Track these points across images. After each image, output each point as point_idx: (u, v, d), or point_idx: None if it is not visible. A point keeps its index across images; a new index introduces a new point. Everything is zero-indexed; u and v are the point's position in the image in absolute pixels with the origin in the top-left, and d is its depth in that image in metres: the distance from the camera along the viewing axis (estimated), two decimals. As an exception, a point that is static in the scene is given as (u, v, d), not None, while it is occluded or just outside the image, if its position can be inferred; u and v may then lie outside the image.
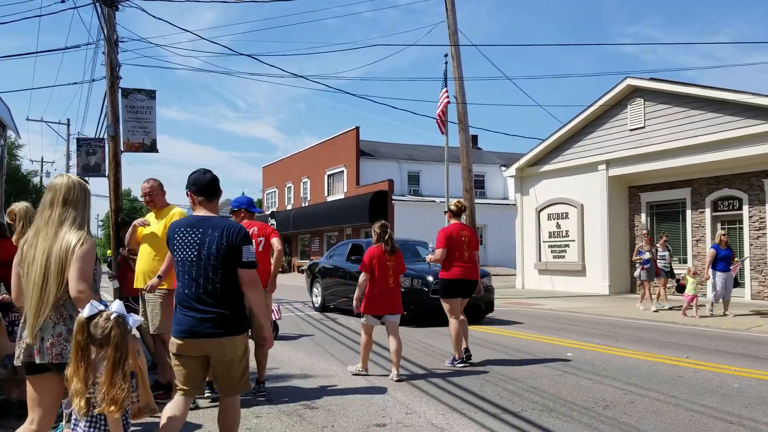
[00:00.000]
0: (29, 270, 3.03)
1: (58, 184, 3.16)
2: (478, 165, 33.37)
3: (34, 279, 2.99)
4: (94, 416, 2.77)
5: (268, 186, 49.14)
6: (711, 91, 15.58)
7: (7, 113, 11.42)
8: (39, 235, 3.06)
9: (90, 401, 2.73)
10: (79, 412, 2.73)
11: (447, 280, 7.20)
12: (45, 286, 2.98)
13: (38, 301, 2.98)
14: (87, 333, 2.77)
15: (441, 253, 7.14)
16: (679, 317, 11.99)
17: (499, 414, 5.04)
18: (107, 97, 15.74)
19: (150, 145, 16.09)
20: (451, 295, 7.20)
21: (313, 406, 5.30)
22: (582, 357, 7.70)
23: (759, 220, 15.41)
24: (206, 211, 3.68)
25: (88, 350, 2.77)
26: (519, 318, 12.21)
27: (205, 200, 3.68)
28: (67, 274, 2.96)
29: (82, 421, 2.79)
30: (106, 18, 15.07)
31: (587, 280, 19.09)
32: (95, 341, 2.77)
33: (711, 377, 6.49)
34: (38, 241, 3.04)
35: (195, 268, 3.50)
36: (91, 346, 2.77)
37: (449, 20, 19.30)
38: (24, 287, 3.07)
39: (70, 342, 2.90)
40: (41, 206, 3.12)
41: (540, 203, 21.00)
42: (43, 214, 3.09)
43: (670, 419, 4.88)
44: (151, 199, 5.77)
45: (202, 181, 3.70)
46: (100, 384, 2.75)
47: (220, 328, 3.43)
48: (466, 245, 7.19)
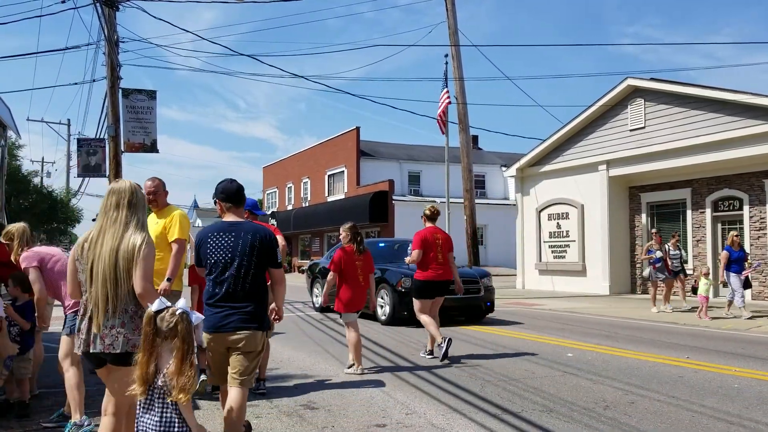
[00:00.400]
0: (94, 266, 3.25)
1: (123, 188, 3.41)
2: (479, 165, 33.38)
3: (102, 274, 3.23)
4: (165, 403, 3.01)
5: (268, 186, 49.14)
6: (711, 92, 15.58)
7: (8, 113, 11.42)
8: (105, 235, 3.30)
9: (162, 389, 2.99)
10: (141, 396, 2.99)
11: (420, 281, 7.67)
12: (113, 281, 3.23)
13: (105, 295, 3.21)
14: (154, 325, 3.03)
15: (417, 254, 7.56)
16: (683, 317, 11.98)
17: (500, 414, 5.04)
18: (108, 97, 15.76)
19: (150, 146, 16.12)
20: (424, 296, 7.68)
21: (313, 407, 5.30)
22: (582, 357, 7.70)
23: (759, 221, 15.41)
24: (235, 216, 4.03)
25: (154, 341, 3.01)
26: (519, 318, 12.21)
27: (233, 207, 4.04)
28: (133, 271, 3.23)
29: (153, 409, 3.02)
30: (107, 18, 15.07)
31: (587, 280, 19.08)
32: (161, 333, 3.02)
33: (711, 377, 6.49)
34: (104, 240, 3.28)
35: (227, 269, 3.85)
36: (157, 337, 3.02)
37: (449, 20, 19.32)
38: (83, 282, 3.31)
39: (122, 334, 3.21)
40: (105, 208, 3.35)
41: (540, 203, 21.00)
42: (108, 215, 3.33)
43: (670, 420, 4.88)
44: (155, 198, 5.74)
45: (230, 190, 4.06)
46: (170, 373, 2.98)
47: (245, 323, 3.80)
48: (440, 247, 7.63)
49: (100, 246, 3.28)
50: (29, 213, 30.73)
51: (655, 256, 13.15)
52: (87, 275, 3.29)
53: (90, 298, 3.27)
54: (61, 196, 35.72)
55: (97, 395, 5.77)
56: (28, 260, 4.86)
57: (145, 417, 3.05)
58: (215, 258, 3.90)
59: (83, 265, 3.32)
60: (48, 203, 32.42)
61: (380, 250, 12.88)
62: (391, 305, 11.00)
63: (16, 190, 29.49)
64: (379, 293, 11.42)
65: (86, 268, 3.30)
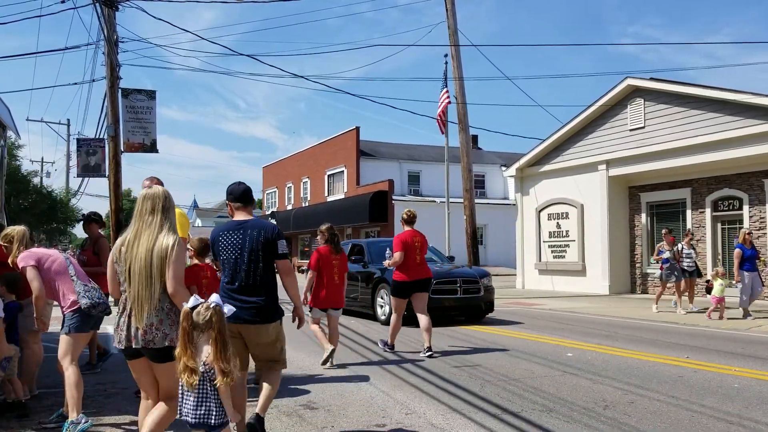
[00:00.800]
0: (132, 266, 3.50)
1: (157, 193, 3.66)
2: (479, 165, 33.38)
3: (138, 274, 3.48)
4: (205, 388, 3.28)
5: (268, 186, 49.14)
6: (711, 91, 15.57)
7: (7, 114, 11.41)
8: (141, 237, 3.54)
9: (204, 375, 3.25)
10: (190, 386, 3.24)
11: (399, 282, 8.10)
12: (150, 280, 3.47)
13: (144, 292, 3.46)
14: (191, 320, 3.30)
15: (399, 256, 7.97)
16: (694, 319, 11.97)
17: (499, 414, 5.04)
18: (107, 97, 15.76)
19: (150, 146, 16.12)
20: (402, 295, 8.12)
21: (312, 407, 5.30)
22: (582, 357, 7.70)
23: (759, 220, 15.41)
24: (244, 214, 4.38)
25: (192, 334, 3.29)
26: (519, 318, 12.21)
27: (241, 206, 4.40)
28: (163, 270, 3.47)
29: (192, 395, 3.28)
30: (106, 18, 15.08)
31: (587, 280, 19.08)
32: (198, 327, 3.30)
33: (711, 377, 6.48)
34: (141, 242, 3.52)
35: (238, 265, 4.19)
36: (194, 331, 3.29)
37: (449, 20, 19.32)
38: (122, 281, 3.56)
39: (160, 330, 3.45)
40: (141, 212, 3.59)
41: (540, 203, 21.00)
42: (143, 218, 3.58)
43: (670, 419, 4.88)
44: None
45: (237, 191, 4.43)
46: (210, 362, 3.26)
47: (257, 316, 4.10)
48: (418, 249, 8.08)
49: (136, 247, 3.52)
50: (29, 213, 30.73)
51: (664, 257, 12.88)
52: (125, 275, 3.53)
53: (129, 297, 3.50)
54: (60, 196, 35.72)
55: (96, 395, 5.77)
56: (25, 260, 4.87)
57: (188, 402, 3.34)
58: (226, 255, 4.24)
59: (121, 266, 3.56)
60: (48, 203, 32.42)
61: (380, 250, 12.86)
62: (391, 305, 10.98)
63: (16, 190, 29.48)
64: (379, 293, 11.42)
65: (125, 268, 3.53)
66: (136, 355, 3.54)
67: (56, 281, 4.87)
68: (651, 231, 18.34)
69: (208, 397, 3.30)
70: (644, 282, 18.38)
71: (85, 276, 5.06)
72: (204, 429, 3.31)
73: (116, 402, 5.53)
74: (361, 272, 12.05)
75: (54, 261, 4.95)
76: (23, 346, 5.52)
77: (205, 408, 3.29)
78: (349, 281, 12.44)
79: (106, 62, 15.58)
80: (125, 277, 3.54)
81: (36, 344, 5.64)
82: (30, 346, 5.59)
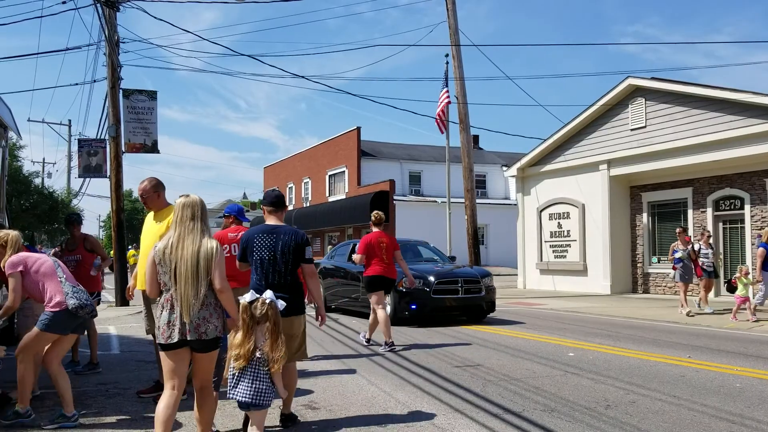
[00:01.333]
0: (178, 267, 3.85)
1: (195, 201, 4.08)
2: (480, 165, 33.37)
3: (186, 273, 3.83)
4: (259, 371, 3.86)
5: (269, 187, 49.13)
6: (712, 91, 15.56)
7: (9, 114, 11.38)
8: (184, 240, 3.91)
9: (260, 360, 3.84)
10: (240, 369, 3.86)
11: (370, 276, 8.56)
12: (197, 279, 3.84)
13: (191, 290, 3.81)
14: (249, 312, 3.90)
15: (360, 258, 8.59)
16: (691, 318, 11.96)
17: (501, 414, 5.04)
18: (108, 97, 15.77)
19: (151, 146, 16.12)
20: (375, 288, 8.52)
21: (314, 407, 5.30)
22: (583, 357, 7.70)
23: (761, 220, 15.38)
24: (275, 219, 4.91)
25: (250, 325, 3.88)
26: (520, 318, 12.20)
27: (274, 210, 4.92)
28: (210, 271, 3.88)
29: (246, 378, 3.84)
30: (107, 19, 15.08)
31: (589, 279, 19.07)
32: (255, 319, 3.90)
33: (713, 377, 6.48)
34: (185, 245, 3.90)
35: (269, 265, 4.68)
36: (251, 322, 3.87)
37: (450, 20, 19.32)
38: (167, 281, 3.88)
39: (211, 323, 3.85)
40: (182, 218, 3.98)
41: (541, 203, 20.99)
42: (185, 224, 3.97)
43: (672, 419, 4.87)
44: (144, 201, 5.73)
45: (270, 196, 4.97)
46: (267, 349, 3.84)
47: (285, 309, 4.31)
48: (384, 250, 8.52)
49: (181, 250, 3.88)
50: (30, 214, 30.72)
51: (676, 257, 12.36)
52: (171, 276, 3.86)
53: (176, 295, 3.84)
54: (62, 197, 35.72)
55: (98, 395, 5.77)
56: (12, 266, 4.92)
57: (241, 385, 3.85)
58: (260, 255, 4.71)
59: (165, 267, 3.89)
60: (49, 204, 32.39)
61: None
62: (392, 305, 10.99)
63: (17, 191, 29.48)
64: (380, 293, 11.40)
65: (170, 269, 3.87)
66: (179, 346, 3.84)
67: (43, 283, 4.95)
68: (652, 231, 18.32)
69: (261, 379, 3.86)
70: (646, 282, 18.36)
71: (72, 278, 5.17)
72: (254, 408, 3.85)
73: (118, 402, 5.52)
74: (362, 272, 12.04)
75: (42, 263, 5.03)
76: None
77: (255, 388, 3.84)
78: (350, 281, 12.50)
79: (107, 63, 15.59)
80: (170, 277, 3.86)
81: None
82: None
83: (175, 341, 3.80)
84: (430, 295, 10.85)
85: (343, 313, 12.94)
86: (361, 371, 6.87)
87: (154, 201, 5.71)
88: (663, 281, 17.83)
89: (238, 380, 3.86)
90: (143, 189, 5.68)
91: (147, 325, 5.79)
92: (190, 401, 4.81)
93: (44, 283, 4.94)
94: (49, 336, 4.92)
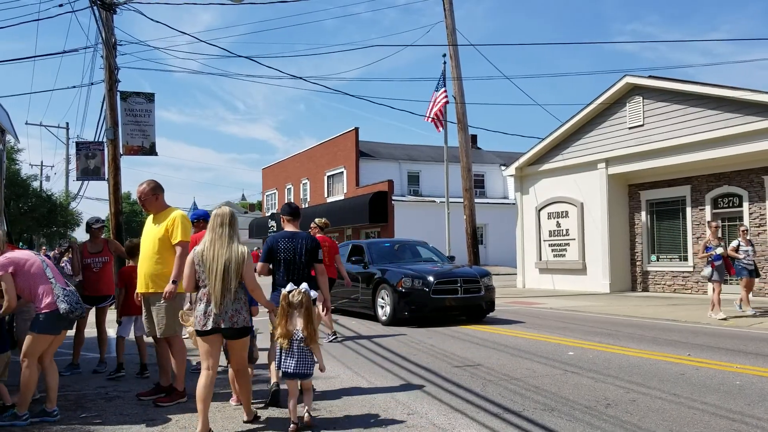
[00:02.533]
0: (212, 266, 4.57)
1: (225, 212, 4.78)
2: (478, 165, 33.38)
3: (217, 274, 4.55)
4: (302, 348, 4.68)
5: (268, 188, 49.13)
6: (710, 89, 15.56)
7: (6, 118, 11.38)
8: (216, 244, 4.63)
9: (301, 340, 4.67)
10: (283, 346, 4.69)
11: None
12: (227, 277, 4.55)
13: (222, 286, 4.54)
14: (288, 300, 4.74)
15: None
16: (690, 316, 11.93)
17: (501, 414, 5.04)
18: (106, 100, 15.74)
19: (149, 148, 16.10)
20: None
21: (314, 408, 5.29)
22: (583, 356, 7.70)
23: (759, 217, 15.40)
24: (293, 226, 5.88)
25: (289, 310, 4.73)
26: (520, 317, 12.20)
27: (292, 219, 5.91)
28: (241, 272, 4.61)
29: (292, 354, 4.67)
30: (104, 21, 15.06)
31: (588, 278, 19.08)
32: (293, 305, 4.74)
33: (713, 375, 6.48)
34: (216, 248, 4.62)
35: (291, 264, 5.62)
36: (289, 308, 4.72)
37: (447, 20, 19.32)
38: (204, 279, 4.60)
39: (242, 315, 4.63)
40: (213, 226, 4.70)
41: (540, 202, 21.00)
42: (216, 231, 4.68)
43: (672, 417, 4.87)
44: (143, 204, 5.74)
45: (287, 208, 5.98)
46: (303, 330, 4.68)
47: None
48: (326, 253, 9.10)
49: (212, 252, 4.61)
50: (29, 217, 30.69)
51: (716, 253, 11.25)
52: (207, 274, 4.59)
53: (212, 290, 4.56)
54: (60, 200, 35.68)
55: (98, 399, 5.77)
56: (3, 268, 4.90)
57: (288, 361, 4.67)
58: (284, 256, 5.62)
59: (202, 266, 4.61)
60: (47, 207, 32.35)
61: (380, 251, 12.87)
62: (391, 306, 10.99)
63: (16, 194, 29.43)
64: (380, 294, 11.41)
65: (206, 269, 4.59)
66: (212, 332, 4.59)
67: (35, 283, 4.96)
68: (651, 229, 18.33)
69: (304, 354, 4.67)
70: (645, 280, 18.37)
71: (61, 278, 5.20)
72: (300, 377, 4.69)
73: (118, 406, 5.52)
74: (362, 273, 12.05)
75: (32, 264, 5.03)
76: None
77: (302, 362, 4.66)
78: (351, 282, 12.48)
79: (105, 65, 15.57)
80: (206, 276, 4.59)
81: None
82: None
83: (209, 329, 4.55)
84: (430, 295, 10.84)
85: (343, 314, 12.94)
86: (360, 372, 6.86)
87: (153, 204, 5.71)
88: (662, 279, 17.85)
89: (285, 357, 4.67)
90: (141, 192, 5.69)
91: (147, 327, 5.79)
92: (191, 403, 4.80)
93: (36, 283, 4.96)
94: (46, 338, 4.95)
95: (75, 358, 7.24)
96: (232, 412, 5.21)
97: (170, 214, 5.65)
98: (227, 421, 4.96)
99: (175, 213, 5.66)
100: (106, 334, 7.46)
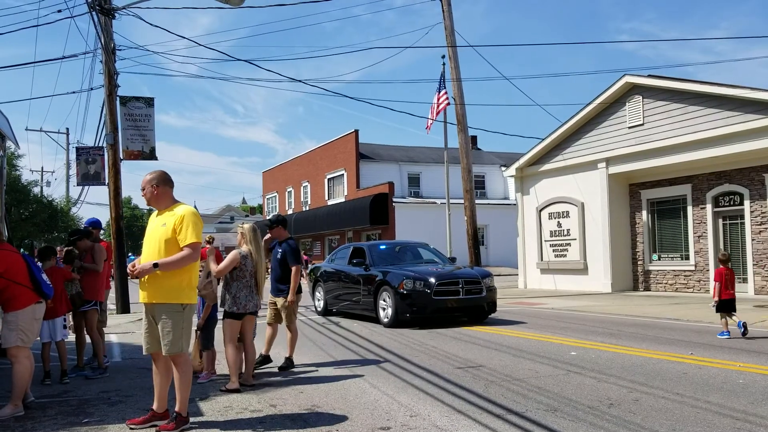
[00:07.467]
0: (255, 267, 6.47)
1: (249, 227, 6.63)
2: (478, 165, 33.38)
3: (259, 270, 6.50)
4: None
5: (268, 191, 49.15)
6: (710, 87, 15.56)
7: (6, 124, 11.37)
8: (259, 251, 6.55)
9: None
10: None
11: None
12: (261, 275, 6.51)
13: (261, 281, 6.51)
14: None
15: None
16: (692, 314, 11.92)
17: (504, 415, 5.02)
18: (106, 105, 15.74)
19: (149, 153, 16.10)
20: None
21: (317, 410, 5.28)
22: (585, 356, 7.69)
23: (761, 215, 15.38)
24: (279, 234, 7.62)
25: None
26: (522, 317, 12.19)
27: (279, 228, 7.59)
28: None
29: None
30: (103, 27, 15.07)
31: (589, 278, 19.06)
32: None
33: (716, 373, 6.47)
34: (253, 252, 6.50)
35: (276, 265, 7.45)
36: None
37: (446, 21, 19.32)
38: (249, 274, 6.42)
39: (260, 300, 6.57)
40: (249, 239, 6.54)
41: (540, 202, 20.99)
42: (246, 237, 6.53)
43: (675, 416, 4.86)
44: (148, 200, 5.06)
45: (274, 218, 7.66)
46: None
47: (283, 293, 7.42)
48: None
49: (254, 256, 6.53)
50: (30, 223, 30.71)
51: None
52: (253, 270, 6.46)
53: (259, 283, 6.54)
54: (61, 205, 35.73)
55: (100, 403, 5.76)
56: None
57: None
58: (274, 260, 7.50)
59: (250, 263, 6.43)
60: (48, 213, 32.39)
61: (381, 253, 12.86)
62: (393, 307, 10.98)
63: (17, 200, 29.46)
64: (381, 295, 11.40)
65: (253, 266, 6.43)
66: (244, 315, 6.35)
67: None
68: (652, 228, 18.32)
69: None
70: (646, 279, 18.35)
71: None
72: None
73: (120, 410, 5.50)
74: (363, 275, 12.04)
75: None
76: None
77: None
78: (352, 285, 12.49)
79: (104, 71, 15.57)
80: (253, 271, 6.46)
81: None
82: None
83: (249, 311, 6.37)
84: (431, 296, 10.83)
85: (345, 316, 12.92)
86: (363, 374, 6.85)
87: (153, 198, 4.96)
88: (664, 278, 17.83)
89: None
90: (142, 184, 5.02)
91: (147, 343, 4.92)
92: (191, 406, 4.78)
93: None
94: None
95: (79, 361, 7.25)
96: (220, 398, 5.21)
97: (177, 211, 4.83)
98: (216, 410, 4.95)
99: (183, 210, 4.83)
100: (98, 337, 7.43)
